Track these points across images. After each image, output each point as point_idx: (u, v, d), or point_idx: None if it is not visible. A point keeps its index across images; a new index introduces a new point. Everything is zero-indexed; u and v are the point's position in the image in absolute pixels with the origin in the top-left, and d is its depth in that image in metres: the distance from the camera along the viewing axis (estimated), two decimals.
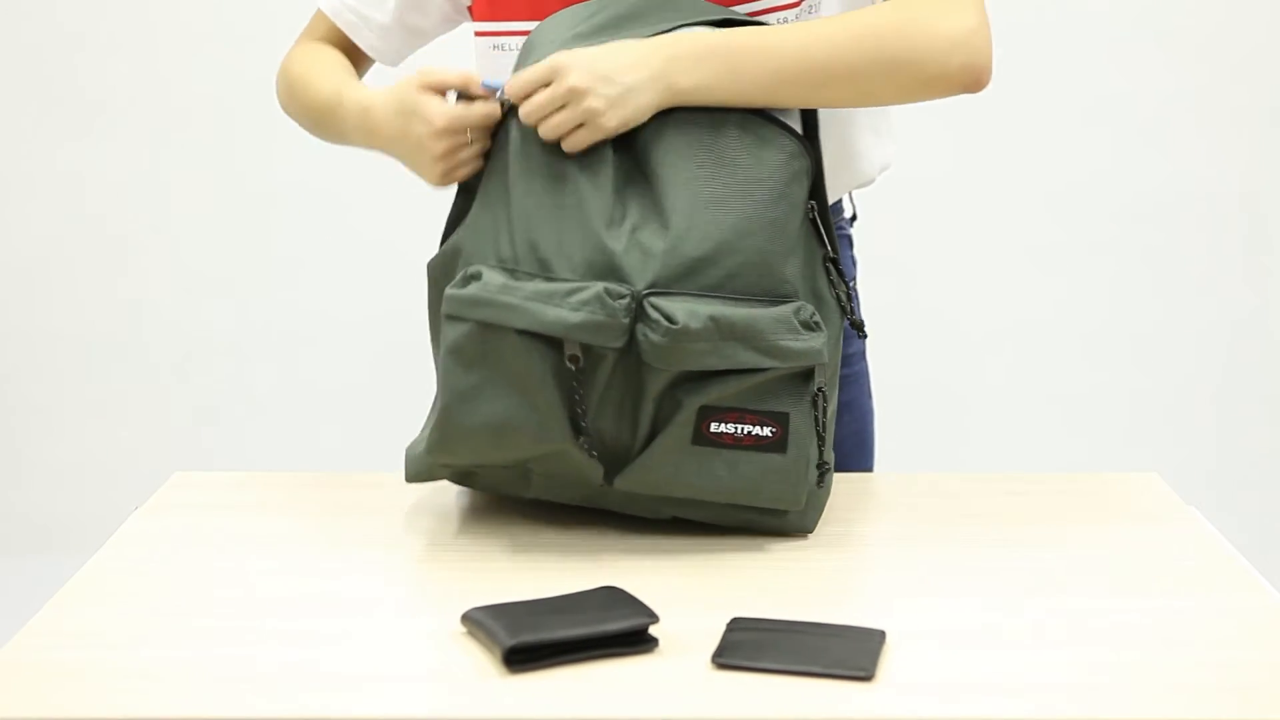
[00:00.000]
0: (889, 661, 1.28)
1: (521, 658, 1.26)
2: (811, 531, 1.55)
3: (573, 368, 1.44)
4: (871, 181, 1.78)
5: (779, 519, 1.53)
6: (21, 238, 3.23)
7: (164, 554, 1.53)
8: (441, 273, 1.55)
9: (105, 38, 3.17)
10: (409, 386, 2.20)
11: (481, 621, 1.30)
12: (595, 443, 1.48)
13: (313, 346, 3.25)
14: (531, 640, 1.26)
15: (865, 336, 1.67)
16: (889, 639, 1.31)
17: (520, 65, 1.56)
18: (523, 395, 1.45)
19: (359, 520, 1.60)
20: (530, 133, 1.51)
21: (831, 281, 1.55)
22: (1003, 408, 3.27)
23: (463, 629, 1.32)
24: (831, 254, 1.55)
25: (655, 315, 1.43)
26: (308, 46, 1.82)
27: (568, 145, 1.49)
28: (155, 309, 3.25)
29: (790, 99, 1.53)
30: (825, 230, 1.54)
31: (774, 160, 1.50)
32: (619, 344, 1.44)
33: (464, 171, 1.56)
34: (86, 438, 3.28)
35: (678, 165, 1.49)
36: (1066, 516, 1.62)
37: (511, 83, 1.51)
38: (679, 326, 1.42)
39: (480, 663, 1.28)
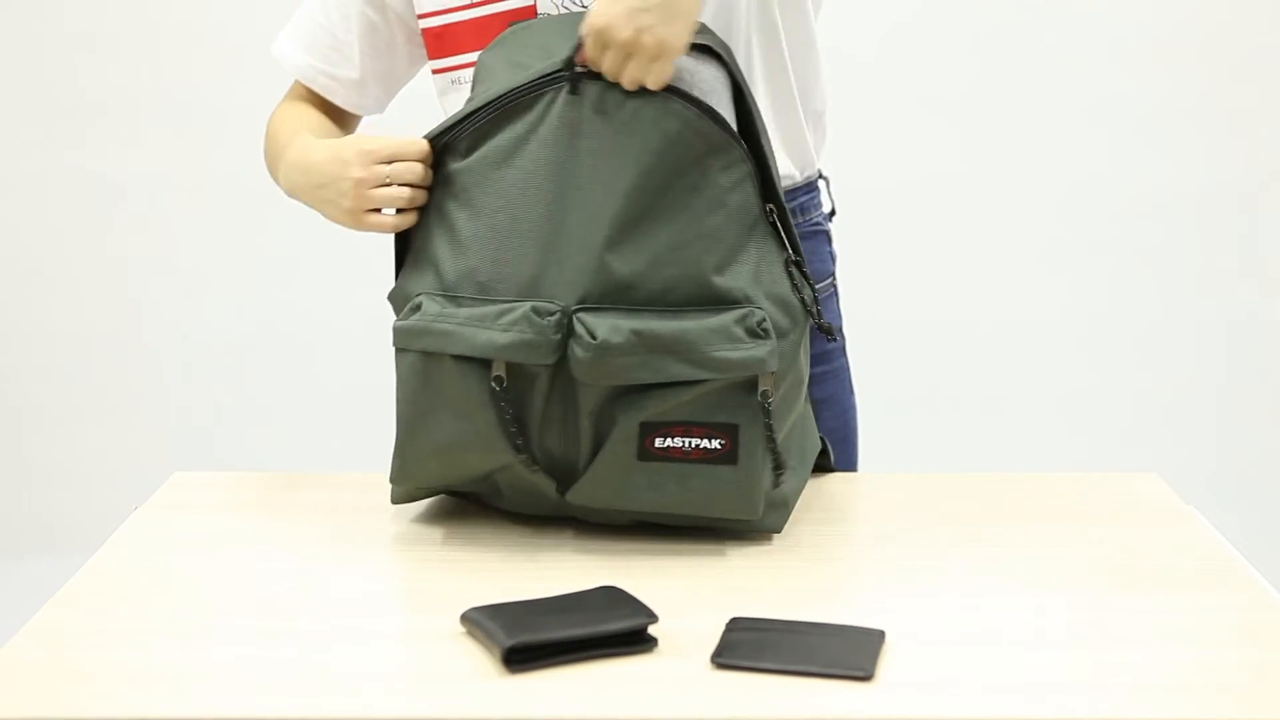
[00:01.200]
0: (889, 661, 1.28)
1: (521, 658, 1.26)
2: (779, 531, 1.55)
3: (497, 388, 1.45)
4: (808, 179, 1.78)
5: (743, 522, 1.52)
6: (22, 238, 3.23)
7: (164, 554, 1.53)
8: (398, 308, 1.57)
9: (108, 38, 3.17)
10: None
11: (481, 621, 1.30)
12: (542, 459, 1.49)
13: (313, 346, 3.25)
14: (531, 640, 1.26)
15: (833, 340, 1.67)
16: (888, 639, 1.31)
17: (474, 91, 1.58)
18: (463, 419, 1.47)
19: (359, 520, 1.60)
20: (466, 163, 1.52)
21: (795, 285, 1.53)
22: (1002, 407, 3.27)
23: (462, 629, 1.32)
24: (794, 257, 1.54)
25: (580, 330, 1.44)
26: (287, 106, 1.83)
27: (652, 82, 1.48)
28: (156, 309, 3.25)
29: None
30: (786, 233, 1.53)
31: (713, 168, 1.49)
32: (550, 361, 1.45)
33: (374, 217, 1.57)
34: (87, 438, 3.28)
35: (613, 182, 1.47)
36: (1066, 516, 1.62)
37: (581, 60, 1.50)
38: (599, 342, 1.43)
39: (480, 663, 1.28)
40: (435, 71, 1.77)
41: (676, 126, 1.48)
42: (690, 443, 1.47)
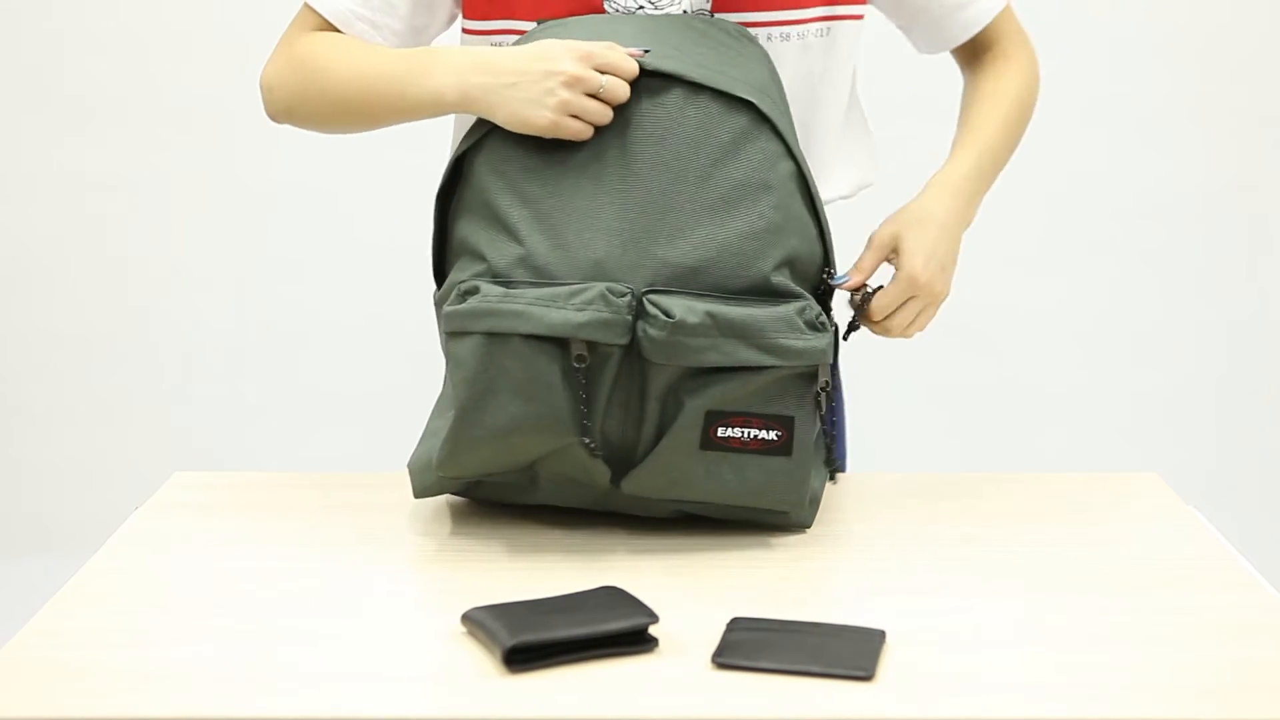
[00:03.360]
0: (889, 661, 1.28)
1: (521, 658, 1.26)
2: (809, 527, 1.56)
3: (580, 366, 1.45)
4: (847, 197, 1.81)
5: (779, 516, 1.54)
6: (22, 238, 3.23)
7: (164, 554, 1.53)
8: (443, 299, 1.56)
9: (106, 38, 3.17)
10: (410, 387, 2.20)
11: (481, 621, 1.30)
12: (601, 444, 1.49)
13: (313, 347, 3.25)
14: (531, 640, 1.26)
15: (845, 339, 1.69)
16: (889, 639, 1.31)
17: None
18: (530, 400, 1.45)
19: (359, 520, 1.60)
20: (515, 155, 1.53)
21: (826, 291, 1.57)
22: (1003, 407, 3.27)
23: (463, 629, 1.32)
24: (830, 269, 1.57)
25: (654, 311, 1.45)
26: (312, 35, 1.69)
27: (914, 330, 1.65)
28: (156, 309, 3.24)
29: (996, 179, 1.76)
30: (825, 245, 1.56)
31: (783, 170, 1.51)
32: (624, 340, 1.45)
33: (575, 125, 1.50)
34: (86, 438, 3.28)
35: (680, 170, 1.49)
36: (1066, 516, 1.62)
37: (879, 301, 1.61)
38: (676, 320, 1.44)
39: (480, 663, 1.28)
40: (470, 32, 1.71)
41: (744, 124, 1.51)
42: (749, 433, 1.48)
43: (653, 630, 1.30)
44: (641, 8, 1.63)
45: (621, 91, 1.50)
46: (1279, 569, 1.88)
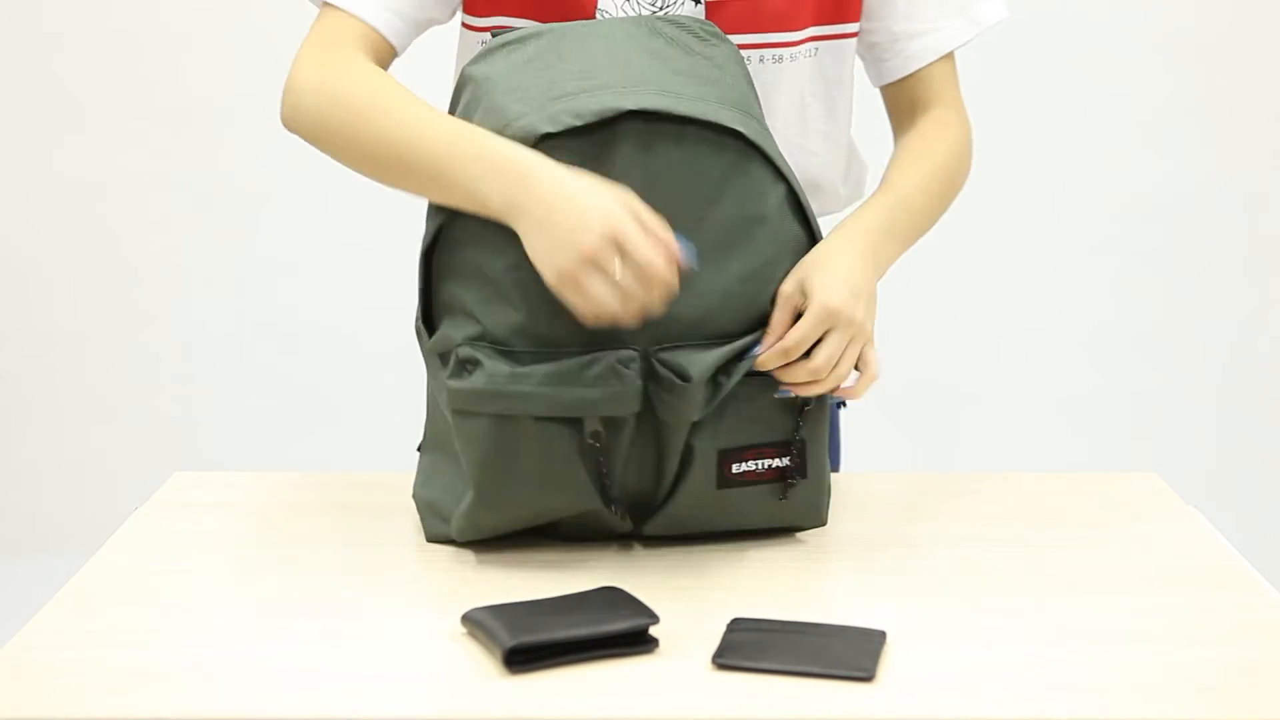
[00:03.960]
0: (889, 661, 1.28)
1: (521, 658, 1.26)
2: (825, 524, 1.56)
3: (595, 444, 1.42)
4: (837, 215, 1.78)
5: (797, 526, 1.55)
6: (22, 239, 3.23)
7: (164, 554, 1.52)
8: (439, 350, 1.50)
9: (102, 38, 3.17)
10: (410, 387, 2.20)
11: (481, 621, 1.30)
12: (620, 496, 1.47)
13: (313, 347, 3.25)
14: (531, 640, 1.26)
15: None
16: (889, 639, 1.31)
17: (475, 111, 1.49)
18: (548, 478, 1.44)
19: (359, 520, 1.59)
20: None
21: None
22: (1003, 407, 3.27)
23: (463, 629, 1.32)
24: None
25: (665, 373, 1.42)
26: (355, 62, 1.55)
27: (845, 368, 1.46)
28: (155, 309, 3.24)
29: (914, 243, 1.63)
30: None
31: (774, 196, 1.47)
32: (637, 409, 1.43)
33: (574, 299, 1.38)
34: (86, 438, 3.28)
35: (674, 222, 1.41)
36: (1066, 516, 1.62)
37: (792, 336, 1.44)
38: (692, 383, 1.41)
39: (480, 663, 1.28)
40: (469, 28, 1.65)
41: (732, 157, 1.45)
42: (763, 464, 1.47)
43: (653, 630, 1.30)
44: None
45: (640, 295, 1.37)
46: (1279, 569, 1.87)
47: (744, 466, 1.47)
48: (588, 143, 1.42)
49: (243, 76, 3.11)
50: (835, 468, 1.82)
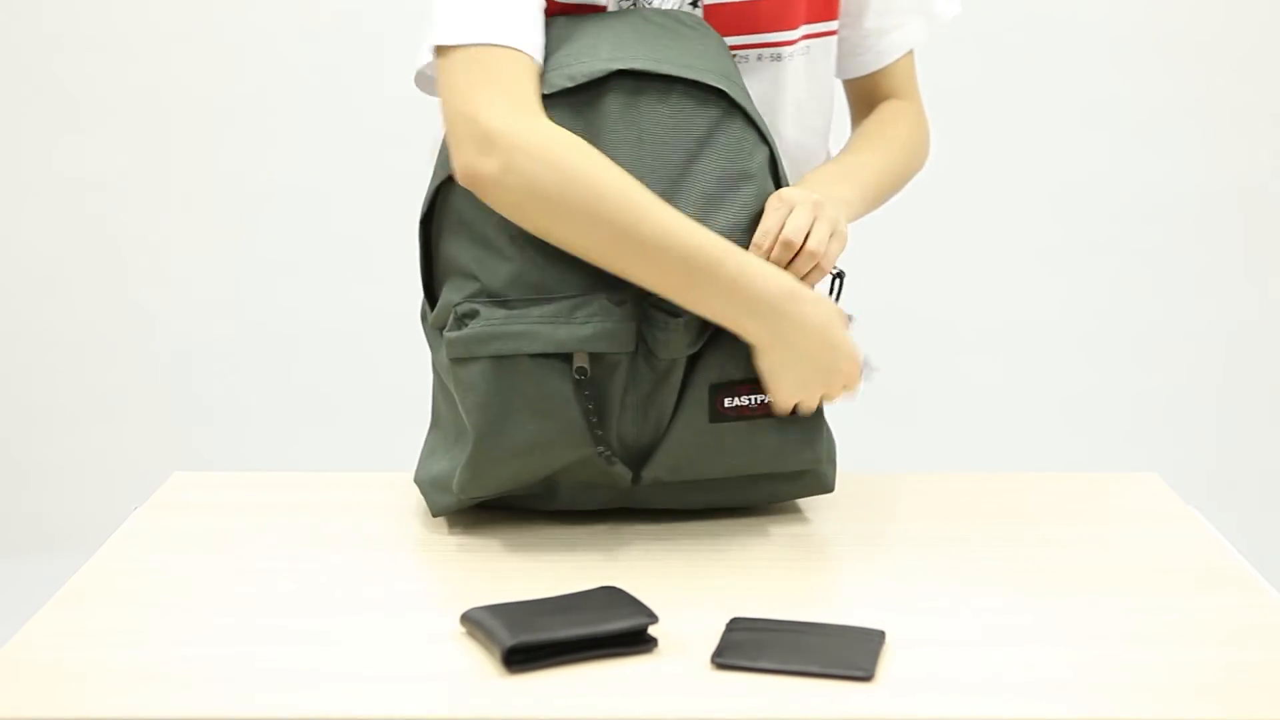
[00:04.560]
0: (889, 661, 1.28)
1: (521, 658, 1.26)
2: (832, 490, 1.57)
3: (580, 378, 1.45)
4: None
5: (802, 483, 1.56)
6: (21, 239, 3.23)
7: (164, 554, 1.53)
8: (439, 323, 1.54)
9: (99, 38, 3.17)
10: (410, 387, 2.20)
11: (481, 621, 1.30)
12: (619, 449, 1.50)
13: (313, 347, 3.25)
14: (531, 640, 1.26)
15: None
16: (888, 639, 1.31)
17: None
18: (546, 416, 1.46)
19: (359, 520, 1.60)
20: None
21: None
22: (1003, 407, 3.27)
23: (463, 629, 1.32)
24: None
25: (656, 313, 1.46)
26: (584, 145, 1.46)
27: (827, 262, 1.49)
28: (155, 309, 3.25)
29: (873, 207, 1.66)
30: None
31: (759, 157, 1.52)
32: (631, 348, 1.46)
33: (813, 401, 1.51)
34: (86, 438, 3.28)
35: (659, 170, 1.49)
36: (1066, 516, 1.62)
37: (759, 230, 1.48)
38: (683, 318, 1.45)
39: (480, 663, 1.28)
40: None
41: (716, 114, 1.50)
42: (756, 399, 1.50)
43: (653, 630, 1.30)
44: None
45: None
46: (1279, 569, 1.88)
47: (737, 401, 1.50)
48: (578, 100, 1.49)
49: (243, 76, 3.11)
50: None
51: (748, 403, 1.50)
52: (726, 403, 1.50)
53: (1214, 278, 3.25)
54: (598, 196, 1.43)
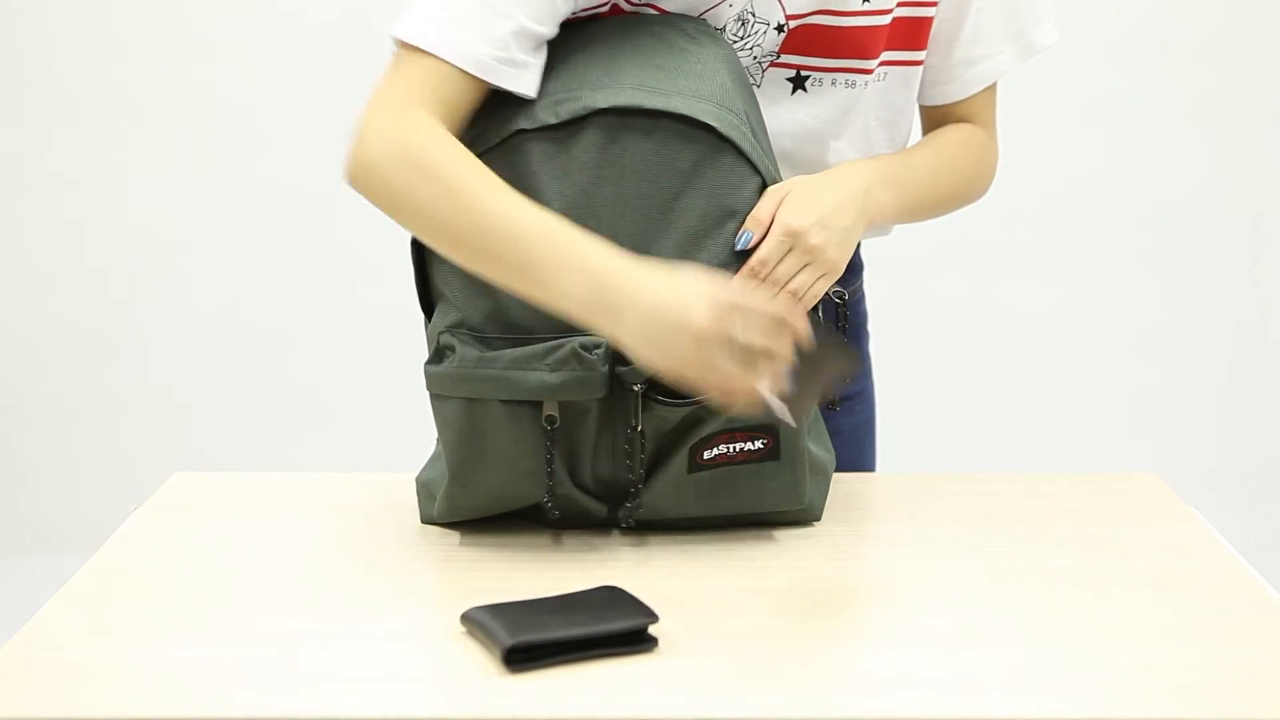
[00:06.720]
0: (891, 661, 1.28)
1: (521, 657, 1.26)
2: (819, 520, 1.56)
3: (548, 428, 1.45)
4: (885, 233, 1.77)
5: (789, 515, 1.55)
6: (22, 239, 3.23)
7: (163, 554, 1.53)
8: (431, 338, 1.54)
9: (96, 38, 3.17)
10: (409, 388, 2.20)
11: (481, 621, 1.30)
12: (595, 486, 1.50)
13: (312, 348, 3.25)
14: (531, 640, 1.26)
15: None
16: (888, 639, 1.31)
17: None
18: (515, 461, 1.47)
19: (358, 520, 1.60)
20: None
21: None
22: (1003, 408, 3.27)
23: (463, 629, 1.32)
24: None
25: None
26: (447, 137, 1.45)
27: (809, 298, 1.47)
28: (155, 309, 3.25)
29: (913, 219, 1.66)
30: None
31: (749, 190, 1.48)
32: (601, 394, 1.44)
33: (716, 375, 1.36)
34: (86, 438, 3.28)
35: (641, 207, 1.46)
36: (1066, 516, 1.62)
37: (759, 258, 1.46)
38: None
39: (480, 663, 1.28)
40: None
41: (703, 149, 1.47)
42: (734, 447, 1.49)
43: (653, 630, 1.30)
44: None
45: (773, 346, 1.35)
46: (1279, 569, 1.88)
47: (715, 451, 1.49)
48: (561, 134, 1.46)
49: (243, 76, 3.11)
50: (871, 467, 1.83)
51: (726, 451, 1.49)
52: (705, 455, 1.48)
53: (1214, 278, 3.25)
54: (442, 183, 1.42)
